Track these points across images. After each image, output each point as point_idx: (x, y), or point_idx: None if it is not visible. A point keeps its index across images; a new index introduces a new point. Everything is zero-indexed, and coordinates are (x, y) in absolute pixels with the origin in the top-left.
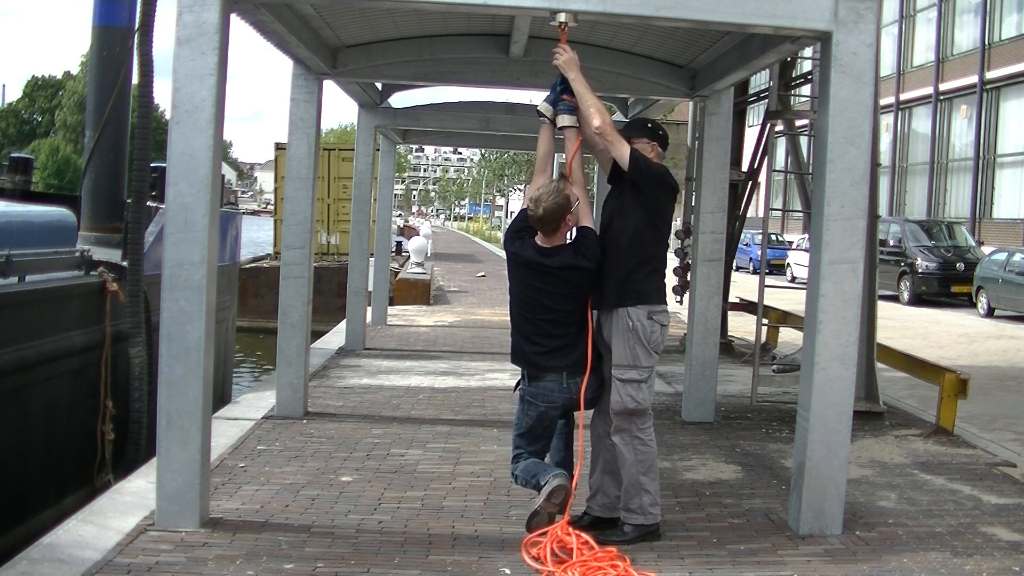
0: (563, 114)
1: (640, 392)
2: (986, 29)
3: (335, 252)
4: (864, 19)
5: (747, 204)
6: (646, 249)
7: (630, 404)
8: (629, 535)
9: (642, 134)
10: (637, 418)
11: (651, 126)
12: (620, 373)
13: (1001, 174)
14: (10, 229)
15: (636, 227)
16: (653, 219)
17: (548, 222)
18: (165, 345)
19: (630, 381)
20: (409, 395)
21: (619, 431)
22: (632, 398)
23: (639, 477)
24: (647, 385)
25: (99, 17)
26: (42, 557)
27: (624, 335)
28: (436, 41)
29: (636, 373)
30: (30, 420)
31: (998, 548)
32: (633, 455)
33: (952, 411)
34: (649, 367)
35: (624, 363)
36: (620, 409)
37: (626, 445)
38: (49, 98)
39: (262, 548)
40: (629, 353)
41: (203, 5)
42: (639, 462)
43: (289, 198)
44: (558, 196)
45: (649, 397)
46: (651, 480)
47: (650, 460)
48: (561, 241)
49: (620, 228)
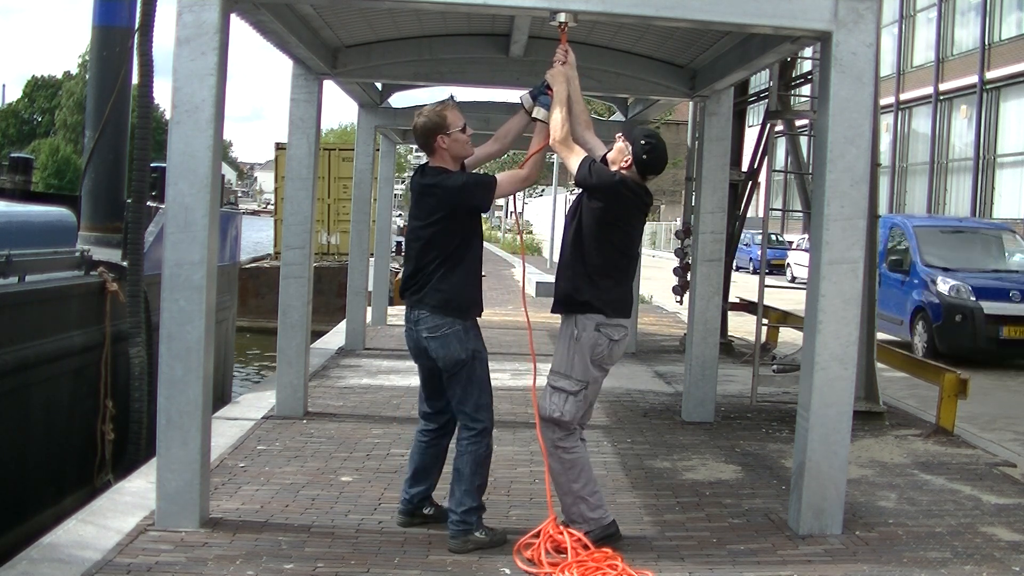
0: (542, 108)
1: (566, 403)
2: (986, 29)
3: (335, 252)
4: (864, 19)
5: (747, 204)
6: (599, 258)
7: (553, 413)
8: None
9: (631, 142)
10: (559, 429)
11: (643, 144)
12: (553, 379)
13: (1001, 174)
14: (10, 229)
15: (588, 235)
16: (605, 228)
17: (418, 136)
18: (165, 345)
19: (560, 390)
20: (409, 395)
21: (542, 437)
22: (556, 407)
23: (571, 486)
24: (576, 399)
25: (99, 17)
26: (42, 557)
27: (566, 341)
28: (436, 41)
29: (568, 384)
30: (30, 420)
31: (998, 548)
32: (559, 464)
33: (952, 411)
34: (584, 381)
35: (559, 369)
36: (545, 415)
37: (550, 455)
38: (49, 98)
39: (262, 548)
40: (566, 361)
41: (203, 5)
42: (567, 471)
43: (289, 198)
44: (432, 114)
45: (575, 412)
46: (584, 486)
47: (579, 466)
48: (445, 165)
49: (573, 235)
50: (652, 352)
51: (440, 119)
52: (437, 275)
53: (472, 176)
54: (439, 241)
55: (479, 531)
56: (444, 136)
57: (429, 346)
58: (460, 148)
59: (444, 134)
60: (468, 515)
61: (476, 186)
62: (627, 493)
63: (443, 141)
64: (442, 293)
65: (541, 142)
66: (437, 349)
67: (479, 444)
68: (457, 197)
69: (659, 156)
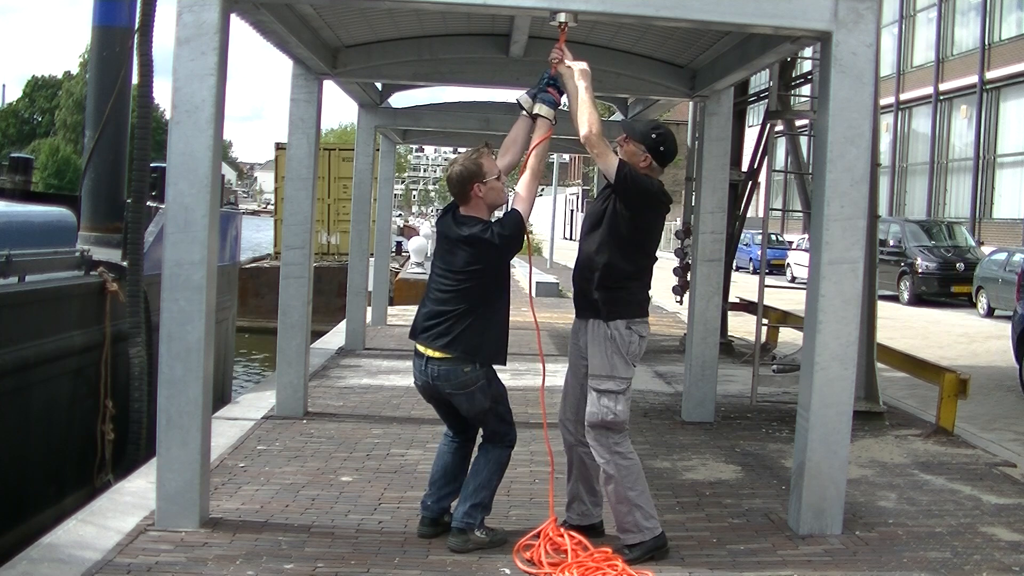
0: (542, 104)
1: (617, 404)
2: (986, 29)
3: (335, 252)
4: (864, 19)
5: (747, 204)
6: (631, 264)
7: (607, 416)
8: (633, 555)
9: (640, 140)
10: (613, 433)
11: (654, 136)
12: (596, 384)
13: (1001, 174)
14: (10, 229)
15: (620, 241)
16: (636, 233)
17: (453, 185)
18: (165, 345)
19: (607, 392)
20: (409, 395)
21: (597, 445)
22: (609, 410)
23: (627, 494)
24: (625, 398)
25: (99, 17)
26: (42, 557)
27: (602, 344)
28: (436, 41)
29: (614, 384)
30: (30, 420)
31: (998, 548)
32: (616, 471)
33: (952, 411)
34: (627, 379)
35: (601, 373)
36: (596, 421)
37: (607, 462)
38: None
39: (262, 548)
40: (607, 362)
41: (203, 5)
42: (624, 478)
43: (289, 198)
44: (468, 162)
45: (626, 411)
46: (639, 494)
47: (635, 473)
48: (479, 214)
49: (601, 238)
50: (652, 352)
51: (476, 167)
52: (467, 323)
53: (507, 226)
54: (475, 292)
55: (480, 530)
56: (480, 184)
57: (453, 400)
58: (495, 196)
59: (480, 182)
60: (473, 512)
61: (513, 238)
62: None
63: (479, 190)
64: (472, 341)
65: (542, 135)
66: (462, 403)
67: (504, 452)
68: (496, 253)
69: (672, 140)
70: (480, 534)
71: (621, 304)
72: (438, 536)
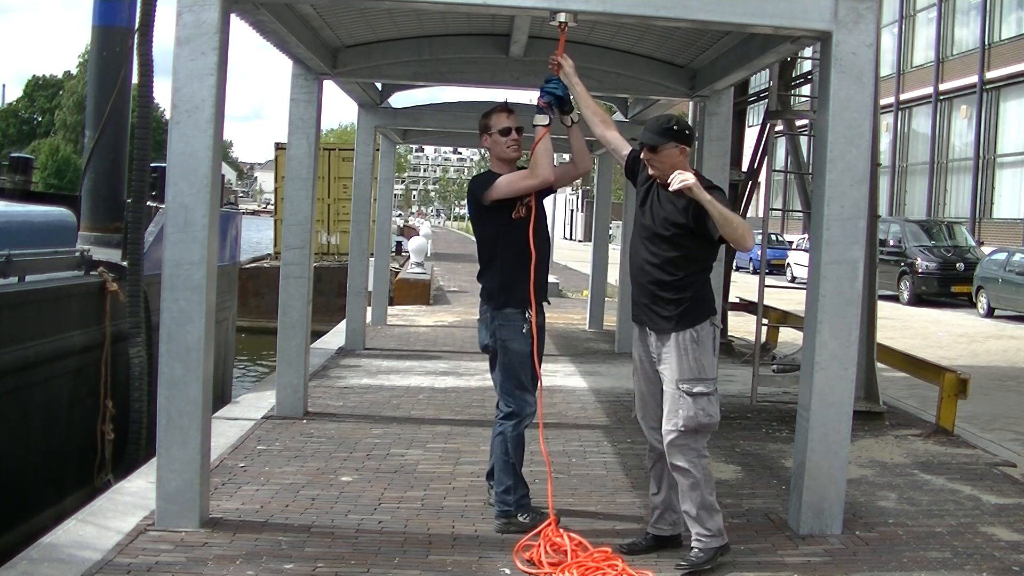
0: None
1: (712, 405)
2: (986, 29)
3: (335, 252)
4: (864, 19)
5: (747, 204)
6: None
7: (704, 419)
8: (704, 560)
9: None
10: (704, 435)
11: (676, 128)
12: (688, 388)
13: (1001, 174)
14: (10, 229)
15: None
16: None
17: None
18: (165, 345)
19: (701, 395)
20: (409, 395)
21: (684, 449)
22: (705, 412)
23: (709, 497)
24: (715, 396)
25: (99, 17)
26: (42, 557)
27: (687, 347)
28: (436, 41)
29: (704, 386)
30: (30, 420)
31: (998, 548)
32: (702, 474)
33: (952, 411)
34: (714, 378)
35: (690, 376)
36: (694, 426)
37: (693, 465)
38: (49, 98)
39: (262, 548)
40: (695, 366)
41: (203, 5)
42: (707, 481)
43: (289, 198)
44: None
45: (718, 409)
46: (713, 493)
47: (711, 476)
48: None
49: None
50: None
51: (484, 122)
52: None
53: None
54: (478, 239)
55: (522, 514)
56: (487, 136)
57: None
58: (499, 150)
59: (487, 134)
60: (506, 495)
61: (476, 182)
62: (627, 493)
63: (486, 140)
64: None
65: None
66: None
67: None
68: (470, 196)
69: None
70: (523, 518)
71: (701, 304)
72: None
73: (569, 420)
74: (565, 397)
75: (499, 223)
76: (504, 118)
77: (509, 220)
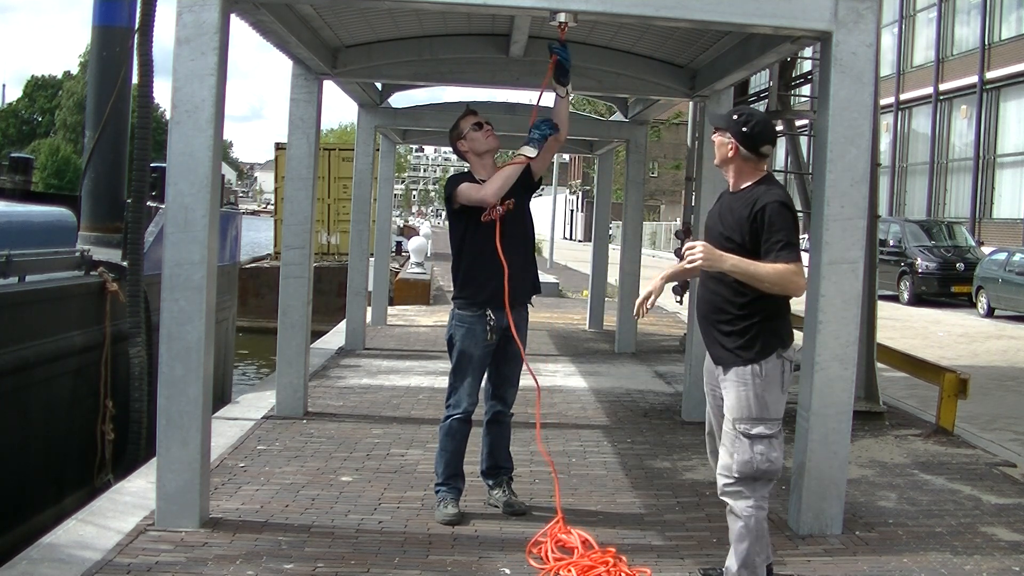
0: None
1: (773, 449)
2: (986, 29)
3: (335, 252)
4: (864, 19)
5: None
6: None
7: (762, 465)
8: None
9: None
10: (764, 483)
11: (736, 118)
12: (745, 429)
13: (1001, 174)
14: (10, 229)
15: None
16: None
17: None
18: (165, 345)
19: (760, 438)
20: (409, 395)
21: (736, 496)
22: (765, 456)
23: (755, 558)
24: (778, 440)
25: (99, 17)
26: (42, 557)
27: (748, 383)
28: (436, 41)
29: (765, 427)
30: (30, 420)
31: (998, 548)
32: (757, 527)
33: (952, 411)
34: (779, 419)
35: (749, 416)
36: (750, 472)
37: (749, 516)
38: (49, 98)
39: (262, 548)
40: (755, 404)
41: (203, 5)
42: (758, 538)
43: (289, 198)
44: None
45: (781, 454)
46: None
47: (765, 533)
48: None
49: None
50: (652, 352)
51: (454, 128)
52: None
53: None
54: (449, 237)
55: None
56: (462, 140)
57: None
58: (479, 144)
59: (461, 138)
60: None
61: (448, 181)
62: (627, 493)
63: (462, 145)
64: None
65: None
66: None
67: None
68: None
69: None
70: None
71: (767, 335)
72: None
73: (569, 420)
74: (565, 397)
75: (468, 223)
76: (471, 118)
77: (477, 222)
